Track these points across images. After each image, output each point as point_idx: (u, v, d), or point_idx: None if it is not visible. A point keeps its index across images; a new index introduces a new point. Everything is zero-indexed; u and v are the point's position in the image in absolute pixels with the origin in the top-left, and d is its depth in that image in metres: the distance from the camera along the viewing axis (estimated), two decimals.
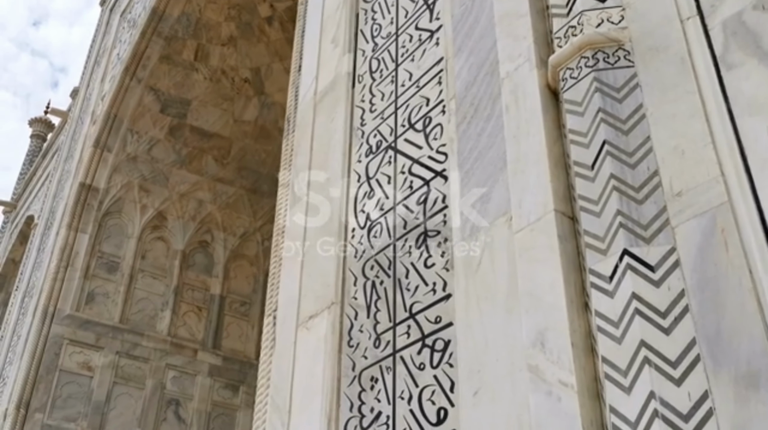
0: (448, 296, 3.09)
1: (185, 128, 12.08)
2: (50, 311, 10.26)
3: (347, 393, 3.45)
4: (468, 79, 3.44)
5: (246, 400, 11.43)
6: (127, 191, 11.73)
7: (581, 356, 2.38)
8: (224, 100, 12.14)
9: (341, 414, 3.43)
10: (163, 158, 12.01)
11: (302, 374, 3.78)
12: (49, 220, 12.36)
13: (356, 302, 3.67)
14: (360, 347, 3.50)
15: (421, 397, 3.00)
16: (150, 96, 11.77)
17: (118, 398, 10.31)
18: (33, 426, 9.49)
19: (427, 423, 2.91)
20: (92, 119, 12.32)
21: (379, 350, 3.36)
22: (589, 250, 2.46)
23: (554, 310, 2.48)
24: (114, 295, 10.98)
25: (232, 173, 12.52)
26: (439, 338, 3.04)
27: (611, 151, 2.52)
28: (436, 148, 3.53)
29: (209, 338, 11.55)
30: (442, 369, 2.96)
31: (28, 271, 12.19)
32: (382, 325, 3.42)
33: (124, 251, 11.40)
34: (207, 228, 12.34)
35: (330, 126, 4.50)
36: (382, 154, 3.95)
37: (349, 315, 3.67)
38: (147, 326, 11.04)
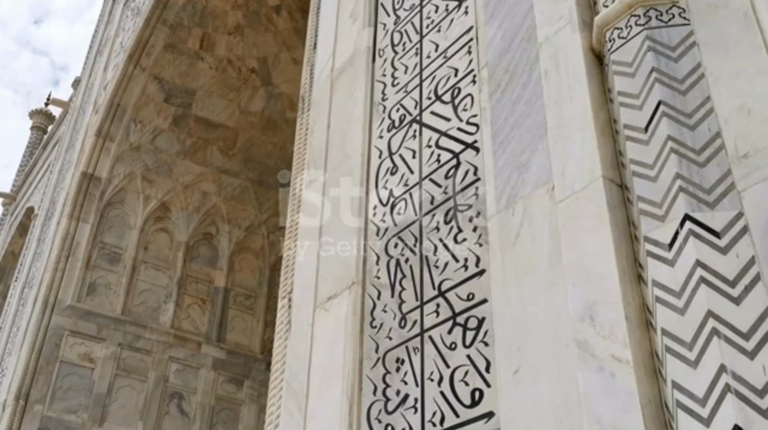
0: (481, 272, 2.91)
1: (190, 118, 11.90)
2: (51, 302, 10.07)
3: (370, 376, 3.27)
4: (501, 46, 3.26)
5: (250, 394, 11.25)
6: (129, 181, 11.54)
7: (636, 329, 2.20)
8: (230, 91, 11.95)
9: (364, 398, 3.25)
10: (167, 149, 11.82)
11: (321, 357, 3.60)
12: (49, 210, 12.18)
13: (379, 281, 3.49)
14: (384, 327, 3.32)
15: (453, 378, 2.82)
16: (154, 85, 11.58)
17: (119, 390, 10.12)
18: (32, 418, 9.30)
19: (460, 405, 2.74)
20: (94, 109, 12.14)
21: (405, 330, 3.18)
22: (644, 217, 2.28)
23: (604, 282, 2.30)
24: (116, 286, 10.79)
25: (237, 165, 12.33)
26: (472, 315, 2.86)
27: (667, 112, 2.34)
28: (467, 120, 3.35)
29: (213, 332, 11.36)
30: (476, 348, 2.78)
31: (27, 262, 12.00)
32: (408, 304, 3.24)
33: (126, 241, 11.22)
34: (211, 220, 12.16)
35: (349, 102, 4.32)
36: (406, 129, 3.77)
37: (372, 295, 3.49)
38: (150, 318, 10.85)
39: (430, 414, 2.85)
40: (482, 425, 2.61)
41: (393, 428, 3.01)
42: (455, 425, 2.72)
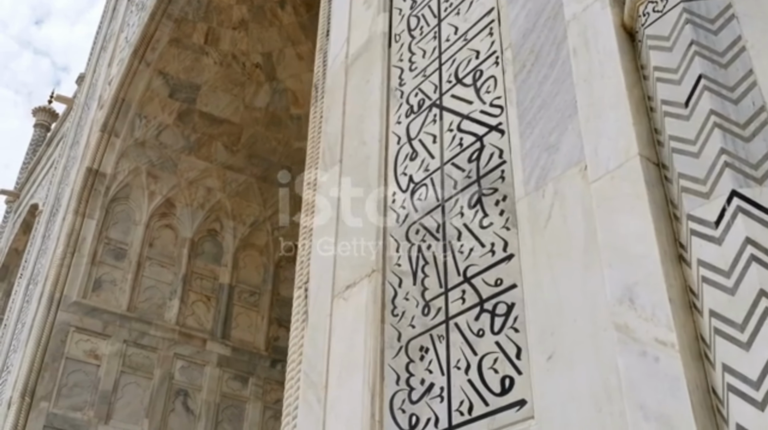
0: (509, 257, 2.82)
1: (194, 114, 11.81)
2: (56, 298, 9.98)
3: (392, 365, 3.18)
4: (526, 26, 3.17)
5: (255, 392, 11.16)
6: (134, 177, 11.46)
7: (680, 311, 2.11)
8: (235, 86, 11.87)
9: (386, 387, 3.16)
10: (172, 144, 11.74)
11: (340, 346, 3.51)
12: (54, 206, 12.10)
13: (400, 268, 3.40)
14: (406, 315, 3.23)
15: (482, 366, 2.73)
16: (159, 80, 11.50)
17: (125, 387, 10.04)
18: (38, 415, 9.22)
19: (490, 393, 2.65)
20: (99, 104, 12.06)
21: (429, 317, 3.09)
22: (686, 194, 2.19)
23: (645, 262, 2.21)
24: (121, 282, 10.71)
25: (242, 161, 12.24)
26: (500, 301, 2.77)
27: (709, 86, 2.25)
28: (490, 102, 3.26)
29: (218, 328, 11.28)
30: (506, 335, 2.69)
31: (32, 258, 11.92)
32: (431, 291, 3.15)
33: (131, 237, 11.13)
34: (216, 216, 12.07)
35: (365, 88, 4.23)
36: (425, 113, 3.68)
37: (392, 283, 3.40)
38: (155, 315, 10.77)
39: (457, 403, 2.76)
40: (513, 414, 2.52)
41: (418, 417, 2.92)
42: (485, 413, 2.63)
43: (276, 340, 11.85)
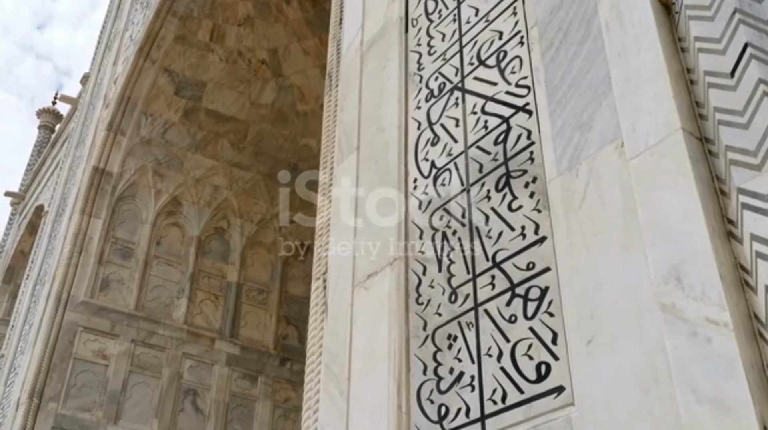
0: (541, 240, 2.72)
1: (200, 111, 11.73)
2: (64, 298, 9.90)
3: (419, 355, 3.08)
4: (553, 3, 3.07)
5: (264, 391, 11.07)
6: (141, 176, 11.37)
7: (731, 289, 2.01)
8: (240, 83, 11.78)
9: (412, 378, 3.06)
10: (178, 142, 11.66)
11: (362, 337, 3.42)
12: (60, 206, 12.02)
13: (424, 256, 3.30)
14: (431, 303, 3.14)
15: (515, 353, 2.63)
16: (164, 78, 11.42)
17: (134, 387, 9.95)
18: (47, 416, 9.14)
19: (525, 381, 2.55)
20: (104, 103, 11.98)
21: (457, 305, 3.00)
22: (735, 167, 2.09)
23: (692, 240, 2.11)
24: (129, 281, 10.62)
25: (248, 158, 12.16)
26: (533, 286, 2.67)
27: (756, 54, 2.15)
28: (516, 82, 3.16)
29: (226, 327, 11.19)
30: (540, 320, 2.59)
31: (39, 259, 11.84)
32: (458, 278, 3.05)
33: (138, 236, 11.05)
34: (223, 214, 11.99)
35: (381, 74, 4.13)
36: (447, 97, 3.58)
37: (416, 271, 3.30)
38: (163, 314, 10.68)
39: (489, 392, 2.67)
40: (551, 401, 2.42)
41: (447, 408, 2.82)
42: (520, 401, 2.53)
43: (285, 338, 11.77)
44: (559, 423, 2.33)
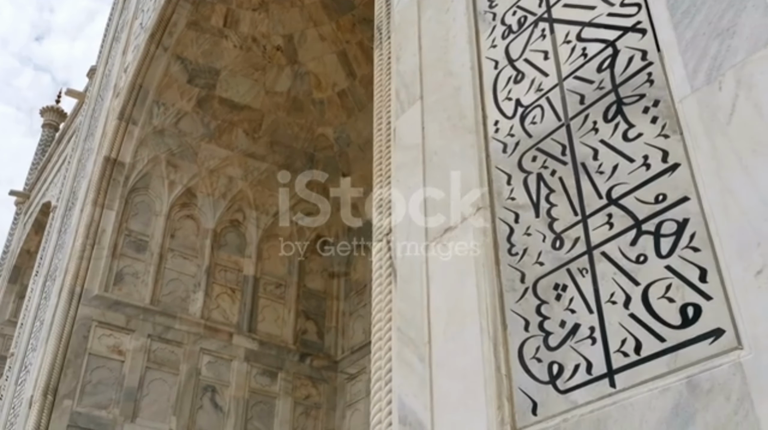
0: (673, 167, 2.35)
1: (214, 100, 11.36)
2: (77, 292, 9.51)
3: (517, 310, 2.71)
4: None
5: (285, 387, 10.67)
6: (154, 166, 11.00)
7: None
8: (255, 70, 11.42)
9: (511, 336, 2.69)
10: (191, 132, 11.29)
11: (442, 297, 3.05)
12: (70, 200, 11.65)
13: (515, 202, 2.93)
14: (529, 253, 2.77)
15: (648, 296, 2.26)
16: (177, 65, 11.06)
17: (151, 384, 9.55)
18: (62, 414, 8.74)
19: (665, 327, 2.18)
20: (115, 92, 11.62)
21: (563, 251, 2.63)
22: None
23: None
24: (143, 275, 10.24)
25: (263, 148, 11.79)
26: (666, 220, 2.31)
27: None
28: (620, 2, 2.80)
29: (244, 322, 10.80)
30: (680, 256, 2.22)
31: (48, 255, 11.46)
32: (562, 221, 2.68)
33: (152, 229, 10.67)
34: (238, 206, 11.61)
35: (444, 18, 3.77)
36: (530, 30, 3.22)
37: (506, 219, 2.93)
38: (179, 308, 10.29)
39: (617, 343, 2.30)
40: (707, 347, 2.05)
41: (561, 365, 2.45)
42: (660, 351, 2.16)
43: (304, 333, 11.38)
44: (725, 370, 1.96)
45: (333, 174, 12.23)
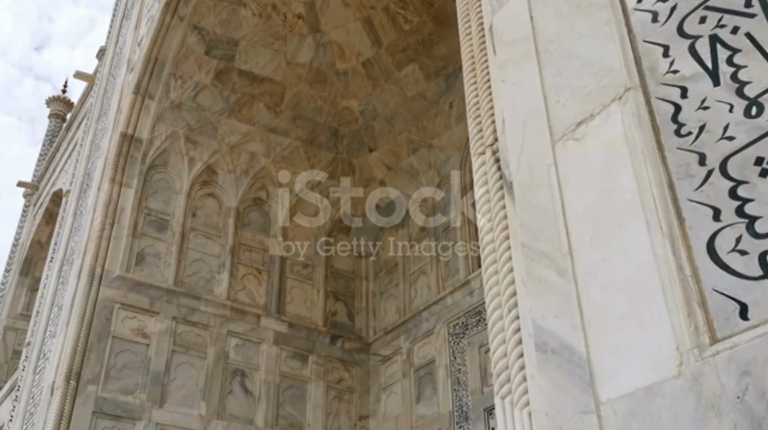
0: None
1: (233, 72, 10.83)
2: (98, 272, 8.99)
3: (697, 198, 2.17)
4: None
5: (316, 371, 10.14)
6: (172, 142, 10.47)
7: None
8: (275, 40, 10.88)
9: (692, 230, 2.15)
10: (210, 106, 10.76)
11: (583, 200, 2.50)
12: (84, 182, 11.12)
13: (677, 75, 2.39)
14: (709, 129, 2.23)
15: None
16: (193, 36, 10.52)
17: (178, 368, 9.03)
18: (86, 399, 8.21)
19: None
20: (129, 68, 11.08)
21: (765, 117, 2.09)
22: None
23: None
24: (166, 255, 9.71)
25: (286, 123, 11.25)
26: None
27: None
28: None
29: (272, 303, 10.27)
30: None
31: (64, 239, 10.93)
32: (758, 83, 2.14)
33: (173, 207, 10.14)
34: (261, 184, 11.08)
35: None
36: None
37: (667, 96, 2.39)
38: (204, 290, 9.76)
39: None
40: None
41: None
42: None
43: (334, 315, 10.85)
44: None
45: (358, 149, 11.71)
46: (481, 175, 3.07)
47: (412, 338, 10.04)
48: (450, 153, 10.72)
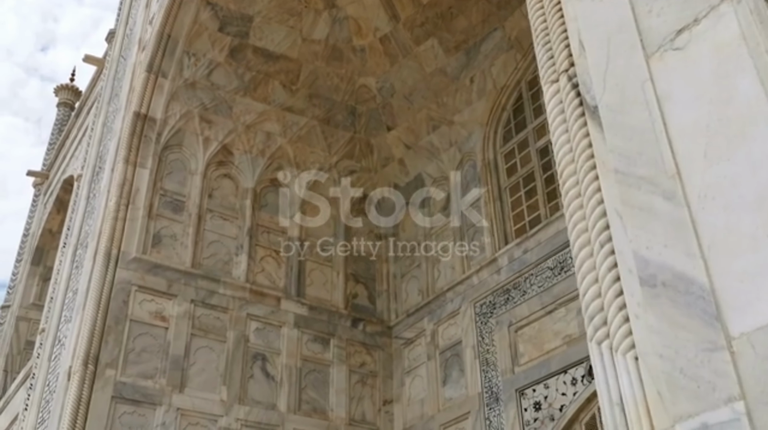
0: None
1: (248, 49, 10.51)
2: (114, 254, 8.71)
3: None
4: None
5: (338, 354, 9.84)
6: (186, 122, 10.17)
7: None
8: (290, 16, 10.55)
9: None
10: (225, 84, 10.45)
11: (691, 114, 2.19)
12: (97, 165, 10.84)
13: None
14: None
15: None
16: (207, 12, 10.20)
17: (198, 351, 8.74)
18: (105, 384, 7.94)
19: None
20: (140, 46, 10.78)
21: None
22: None
23: None
24: (182, 237, 9.42)
25: (302, 101, 10.94)
26: None
27: None
28: None
29: (292, 286, 9.98)
30: None
31: (77, 223, 10.65)
32: None
33: (188, 188, 9.85)
34: (278, 164, 10.77)
35: None
36: None
37: None
38: (222, 272, 9.47)
39: None
40: None
41: None
42: None
43: (355, 297, 10.54)
44: None
45: (376, 128, 11.39)
46: (554, 105, 2.75)
47: (436, 319, 9.74)
48: (472, 129, 10.40)
